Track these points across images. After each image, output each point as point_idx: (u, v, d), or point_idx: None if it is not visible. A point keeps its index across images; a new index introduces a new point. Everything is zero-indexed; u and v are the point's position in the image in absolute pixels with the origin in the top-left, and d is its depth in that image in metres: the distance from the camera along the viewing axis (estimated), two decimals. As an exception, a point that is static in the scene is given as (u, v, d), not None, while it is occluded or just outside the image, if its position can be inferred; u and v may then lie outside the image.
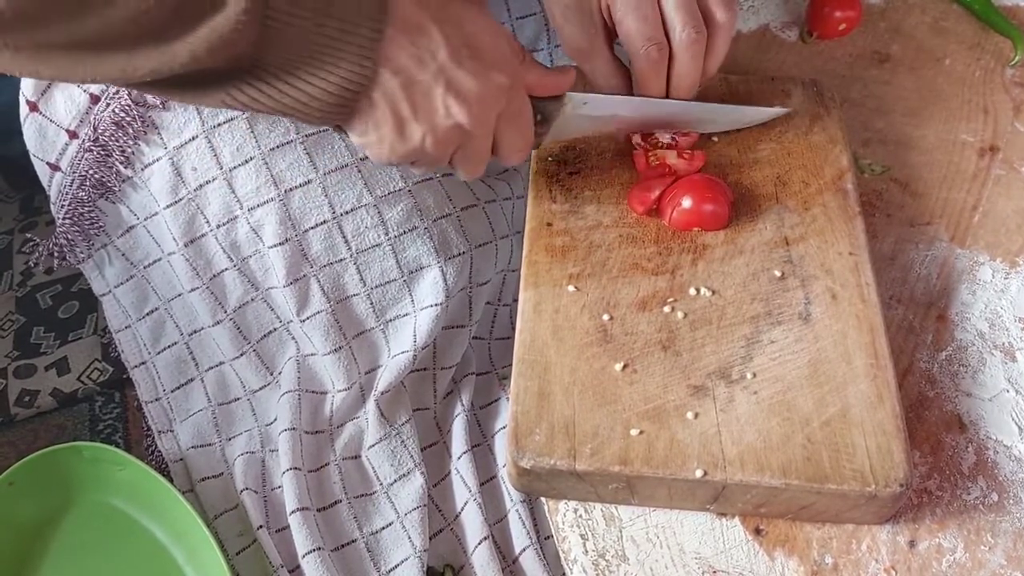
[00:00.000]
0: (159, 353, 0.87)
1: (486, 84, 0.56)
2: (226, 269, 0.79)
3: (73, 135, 0.76)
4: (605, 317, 0.61)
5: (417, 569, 0.77)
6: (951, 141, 0.78)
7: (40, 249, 0.84)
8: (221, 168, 0.74)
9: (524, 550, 0.78)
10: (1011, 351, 0.65)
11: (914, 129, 0.79)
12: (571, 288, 0.62)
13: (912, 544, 0.57)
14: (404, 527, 0.80)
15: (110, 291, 0.86)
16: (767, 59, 0.86)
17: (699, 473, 0.54)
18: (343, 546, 0.80)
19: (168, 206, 0.76)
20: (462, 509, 0.82)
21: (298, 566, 0.77)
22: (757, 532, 0.57)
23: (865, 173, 0.76)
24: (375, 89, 0.54)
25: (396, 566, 0.79)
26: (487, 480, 0.83)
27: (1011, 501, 0.58)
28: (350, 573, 0.78)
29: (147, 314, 0.86)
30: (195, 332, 0.85)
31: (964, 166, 0.77)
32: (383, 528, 0.81)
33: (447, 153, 0.59)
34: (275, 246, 0.75)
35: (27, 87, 0.75)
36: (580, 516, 0.59)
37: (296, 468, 0.80)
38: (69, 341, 1.04)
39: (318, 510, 0.80)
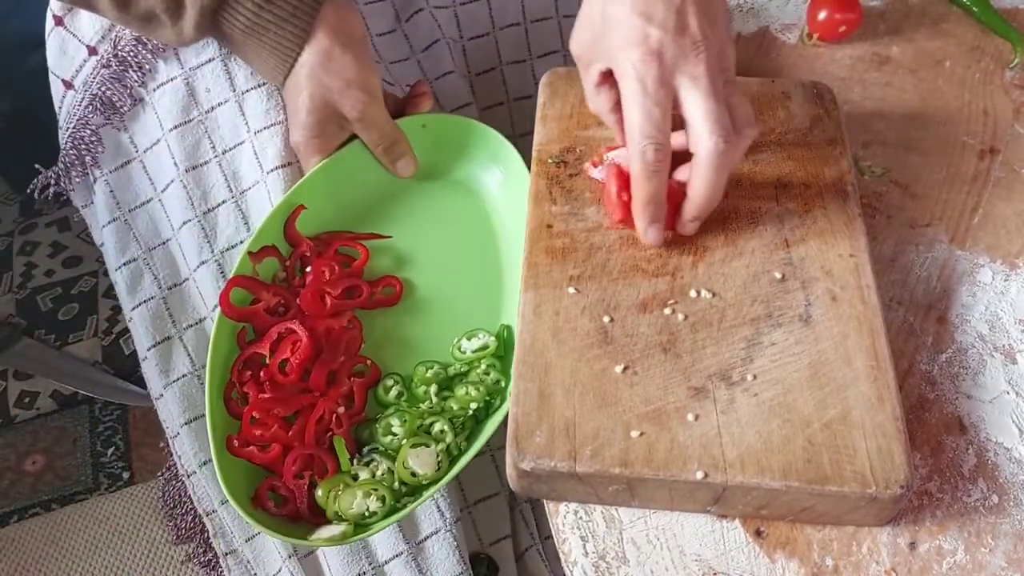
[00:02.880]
0: (134, 308, 0.83)
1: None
2: (223, 202, 0.78)
3: (93, 51, 0.78)
4: (605, 319, 0.61)
5: (452, 546, 0.76)
6: (951, 143, 0.78)
7: (40, 177, 0.84)
8: (235, 91, 0.76)
9: (527, 550, 0.78)
10: (1011, 353, 0.65)
11: (914, 131, 0.80)
12: (571, 290, 0.62)
13: (913, 546, 0.57)
14: (432, 497, 0.78)
15: (104, 241, 0.85)
16: (767, 61, 0.86)
17: (699, 475, 0.54)
18: None
19: (175, 127, 0.77)
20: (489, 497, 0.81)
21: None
22: (758, 534, 0.57)
23: (865, 175, 0.76)
24: None
25: (427, 537, 0.77)
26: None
27: (1011, 503, 0.58)
28: (379, 544, 0.77)
29: (125, 264, 0.83)
30: (175, 286, 0.82)
31: (964, 168, 0.77)
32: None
33: None
34: (275, 169, 0.76)
35: (55, 2, 0.79)
36: (580, 518, 0.59)
37: None
38: (69, 343, 1.04)
39: None
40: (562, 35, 0.92)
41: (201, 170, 0.78)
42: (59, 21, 0.79)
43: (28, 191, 0.84)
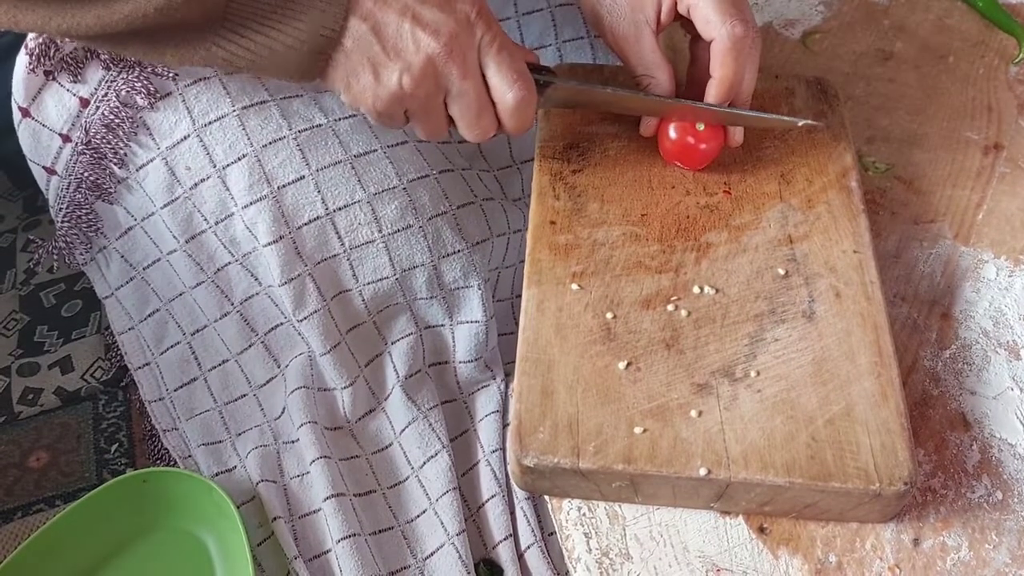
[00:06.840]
0: (162, 354, 0.87)
1: (451, 13, 0.59)
2: (229, 263, 0.79)
3: (66, 139, 0.76)
4: (609, 315, 0.61)
5: (455, 558, 0.76)
6: (955, 139, 0.78)
7: (41, 251, 0.84)
8: (215, 166, 0.74)
9: (529, 547, 0.78)
10: (1015, 349, 0.65)
11: (918, 127, 0.79)
12: (574, 286, 0.62)
13: (916, 542, 0.57)
14: (436, 513, 0.79)
15: (112, 294, 0.86)
16: (771, 57, 0.86)
17: (703, 471, 0.54)
18: (380, 532, 0.79)
19: (165, 205, 0.76)
20: (486, 502, 0.81)
21: (319, 554, 0.77)
22: (761, 530, 0.57)
23: (869, 171, 0.76)
24: (346, 37, 0.58)
25: (432, 553, 0.78)
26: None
27: (1015, 499, 0.58)
28: (386, 559, 0.78)
29: (149, 315, 0.86)
30: (197, 331, 0.85)
31: (968, 164, 0.76)
32: (418, 516, 0.80)
33: (430, 95, 0.61)
34: (269, 244, 0.75)
35: (18, 93, 0.75)
36: (584, 514, 0.59)
37: (327, 457, 0.79)
38: (72, 339, 1.04)
39: (355, 495, 0.79)
40: (561, 60, 0.91)
41: (200, 238, 0.78)
42: (25, 112, 0.75)
43: (31, 263, 0.86)
